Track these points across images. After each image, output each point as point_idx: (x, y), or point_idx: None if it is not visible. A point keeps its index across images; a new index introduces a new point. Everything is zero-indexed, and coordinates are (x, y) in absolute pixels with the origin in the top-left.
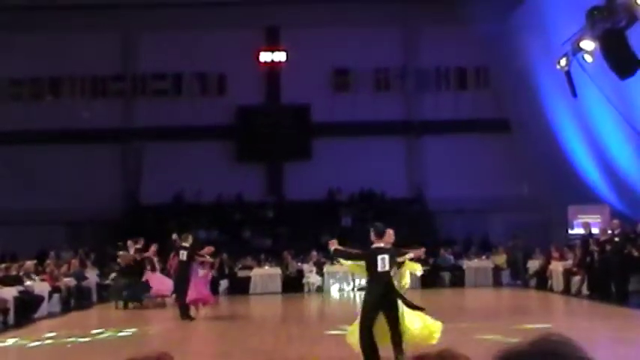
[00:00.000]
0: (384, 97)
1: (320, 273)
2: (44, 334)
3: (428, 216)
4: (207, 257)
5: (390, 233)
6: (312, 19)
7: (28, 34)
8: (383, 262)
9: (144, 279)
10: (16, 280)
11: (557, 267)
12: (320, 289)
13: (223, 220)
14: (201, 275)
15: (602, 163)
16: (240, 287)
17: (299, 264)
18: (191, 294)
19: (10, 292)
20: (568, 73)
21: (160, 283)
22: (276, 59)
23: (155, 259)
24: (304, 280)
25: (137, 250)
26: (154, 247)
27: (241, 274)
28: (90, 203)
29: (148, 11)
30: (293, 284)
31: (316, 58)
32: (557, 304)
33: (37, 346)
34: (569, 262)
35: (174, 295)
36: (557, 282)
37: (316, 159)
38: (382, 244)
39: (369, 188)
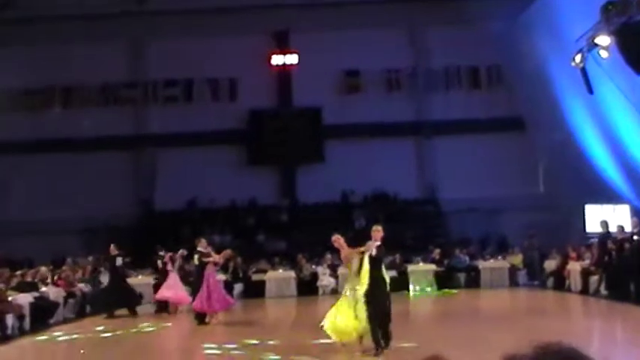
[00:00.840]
0: (395, 98)
1: (334, 275)
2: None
3: (441, 217)
4: (213, 256)
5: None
6: (322, 22)
7: (39, 44)
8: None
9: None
10: (32, 287)
11: (574, 267)
12: (334, 292)
13: (237, 224)
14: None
15: (619, 160)
16: (254, 291)
17: (313, 267)
18: (200, 303)
19: (25, 298)
20: (583, 70)
21: (177, 290)
22: (288, 62)
23: (176, 263)
24: (318, 283)
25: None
26: (182, 251)
27: (255, 277)
28: (104, 210)
29: (158, 18)
30: (307, 287)
31: (327, 60)
32: (575, 305)
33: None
34: (587, 262)
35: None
36: (575, 282)
37: (329, 161)
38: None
39: (381, 190)
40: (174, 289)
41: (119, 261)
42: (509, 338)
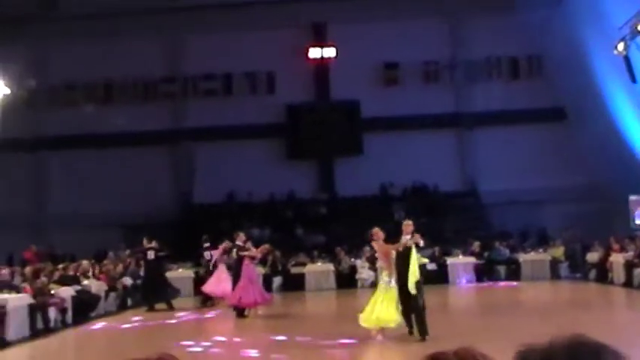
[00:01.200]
0: (434, 89)
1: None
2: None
3: (481, 209)
4: (251, 251)
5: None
6: (359, 14)
7: (80, 40)
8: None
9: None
10: (74, 280)
11: (617, 259)
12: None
13: (276, 217)
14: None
15: None
16: (293, 284)
17: (352, 260)
18: (234, 296)
19: (67, 292)
20: (626, 58)
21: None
22: (326, 55)
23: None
24: (357, 276)
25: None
26: (226, 244)
27: (294, 270)
28: (145, 205)
29: (195, 13)
30: (346, 280)
31: (364, 52)
32: (618, 298)
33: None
34: (630, 254)
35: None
36: (618, 274)
37: (367, 154)
38: None
39: (421, 182)
40: (223, 284)
41: (151, 254)
42: (548, 331)
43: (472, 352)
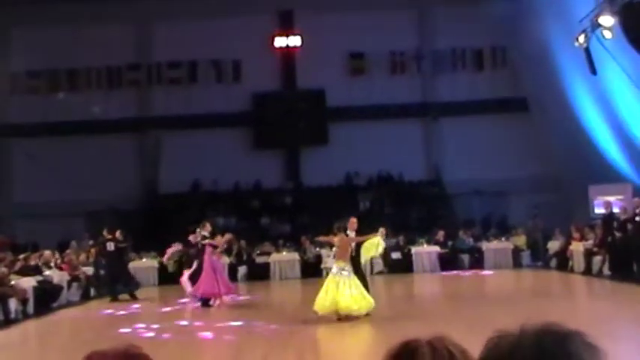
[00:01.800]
0: (400, 79)
1: None
2: None
3: (446, 198)
4: (217, 240)
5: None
6: (326, 2)
7: (44, 26)
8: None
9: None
10: (35, 270)
11: (577, 247)
12: None
13: (241, 207)
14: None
15: (623, 140)
16: (258, 273)
17: (317, 249)
18: (201, 289)
19: (29, 282)
20: (587, 50)
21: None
22: (291, 44)
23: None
24: (322, 265)
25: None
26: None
27: (259, 260)
28: (109, 193)
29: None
30: (311, 269)
31: (331, 42)
32: (579, 285)
33: None
34: (590, 243)
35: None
36: (578, 262)
37: (333, 144)
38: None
39: (386, 172)
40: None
41: (111, 246)
42: (512, 319)
43: (444, 341)
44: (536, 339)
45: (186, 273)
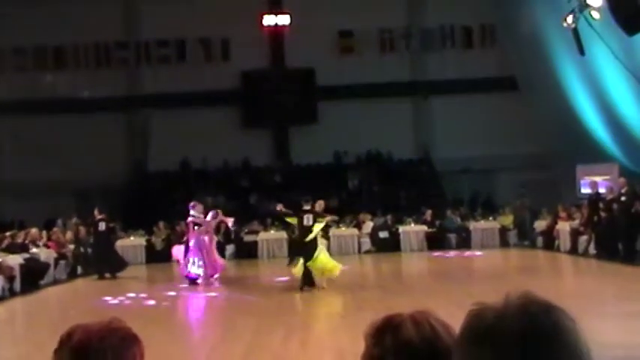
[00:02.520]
0: (390, 58)
1: (326, 236)
2: None
3: (435, 177)
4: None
5: (320, 203)
6: None
7: (31, 3)
8: (307, 220)
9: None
10: (22, 248)
11: (564, 227)
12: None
13: (230, 185)
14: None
15: (610, 120)
16: (247, 252)
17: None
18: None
19: (15, 260)
20: (575, 31)
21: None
22: (280, 23)
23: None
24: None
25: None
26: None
27: (248, 238)
28: (98, 172)
29: None
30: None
31: (320, 20)
32: (565, 264)
33: None
34: (577, 222)
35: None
36: (565, 242)
37: (322, 122)
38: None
39: (375, 150)
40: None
41: (102, 226)
42: (498, 295)
43: (427, 315)
44: (522, 308)
45: (177, 246)
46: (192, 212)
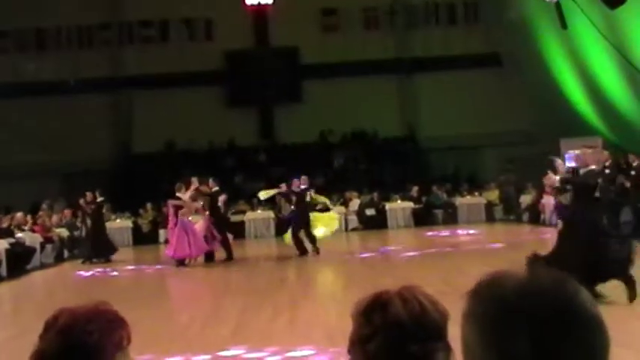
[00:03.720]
0: (374, 35)
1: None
2: None
3: (420, 154)
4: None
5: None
6: None
7: None
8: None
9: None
10: (7, 233)
11: (549, 201)
12: None
13: (216, 165)
14: (197, 227)
15: (593, 94)
16: (234, 232)
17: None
18: (173, 250)
19: (1, 245)
20: (557, 4)
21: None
22: (263, 1)
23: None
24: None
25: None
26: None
27: (234, 218)
28: (83, 155)
29: None
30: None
31: None
32: (551, 237)
33: None
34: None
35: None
36: (550, 215)
37: (307, 101)
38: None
39: (360, 128)
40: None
41: (102, 208)
42: (486, 270)
43: (414, 291)
44: (558, 285)
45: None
46: (178, 194)
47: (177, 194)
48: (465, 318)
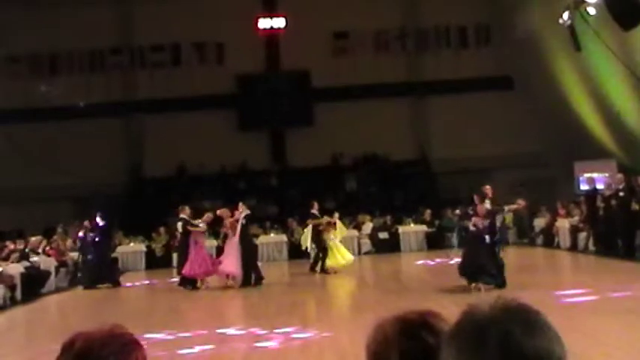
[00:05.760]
0: (385, 58)
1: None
2: None
3: (432, 177)
4: (200, 226)
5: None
6: None
7: (25, 9)
8: None
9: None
10: (23, 257)
11: (563, 224)
12: None
13: (227, 189)
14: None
15: (607, 117)
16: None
17: (304, 230)
18: (189, 268)
19: (16, 268)
20: (571, 27)
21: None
22: (275, 25)
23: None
24: (310, 247)
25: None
26: (210, 215)
27: None
28: (95, 178)
29: None
30: (299, 251)
31: (315, 22)
32: (565, 261)
33: None
34: (576, 219)
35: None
36: (564, 239)
37: (319, 124)
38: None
39: (372, 152)
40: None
41: (97, 234)
42: (500, 294)
43: (437, 316)
44: (505, 306)
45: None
46: (181, 215)
47: (182, 215)
48: (444, 342)
